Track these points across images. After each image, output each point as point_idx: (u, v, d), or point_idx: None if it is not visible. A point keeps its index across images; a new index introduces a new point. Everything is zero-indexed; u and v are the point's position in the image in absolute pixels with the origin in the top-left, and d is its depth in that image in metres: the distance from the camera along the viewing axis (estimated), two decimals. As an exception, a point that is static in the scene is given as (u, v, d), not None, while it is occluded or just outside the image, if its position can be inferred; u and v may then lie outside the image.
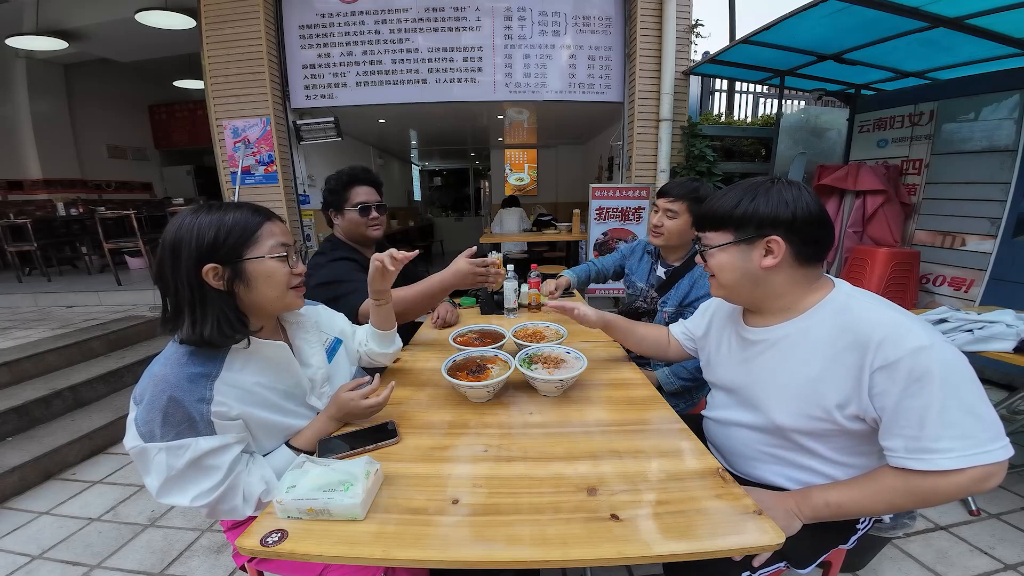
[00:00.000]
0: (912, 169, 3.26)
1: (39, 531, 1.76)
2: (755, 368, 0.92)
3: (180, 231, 0.81)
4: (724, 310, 1.08)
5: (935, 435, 0.68)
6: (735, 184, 0.88)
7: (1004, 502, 1.76)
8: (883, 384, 0.71)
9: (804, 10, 2.48)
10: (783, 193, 0.81)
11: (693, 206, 1.52)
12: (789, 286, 0.85)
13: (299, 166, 4.20)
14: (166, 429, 0.75)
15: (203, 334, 0.80)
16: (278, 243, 0.88)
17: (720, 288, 0.93)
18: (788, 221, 0.80)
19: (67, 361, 2.75)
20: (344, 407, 0.97)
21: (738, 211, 0.83)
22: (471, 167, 11.77)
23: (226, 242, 0.82)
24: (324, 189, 1.68)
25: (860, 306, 0.79)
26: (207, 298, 0.82)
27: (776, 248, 0.81)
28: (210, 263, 0.81)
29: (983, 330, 1.63)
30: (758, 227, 0.82)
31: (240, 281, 0.84)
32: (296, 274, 0.92)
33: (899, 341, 0.70)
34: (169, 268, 0.81)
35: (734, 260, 0.86)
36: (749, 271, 0.85)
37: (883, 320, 0.74)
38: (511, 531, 0.69)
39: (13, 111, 5.37)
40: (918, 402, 0.69)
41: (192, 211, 0.84)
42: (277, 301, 0.91)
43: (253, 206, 0.90)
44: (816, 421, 0.81)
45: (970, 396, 0.68)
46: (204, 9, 3.68)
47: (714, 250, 0.89)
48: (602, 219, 4.03)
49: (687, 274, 1.59)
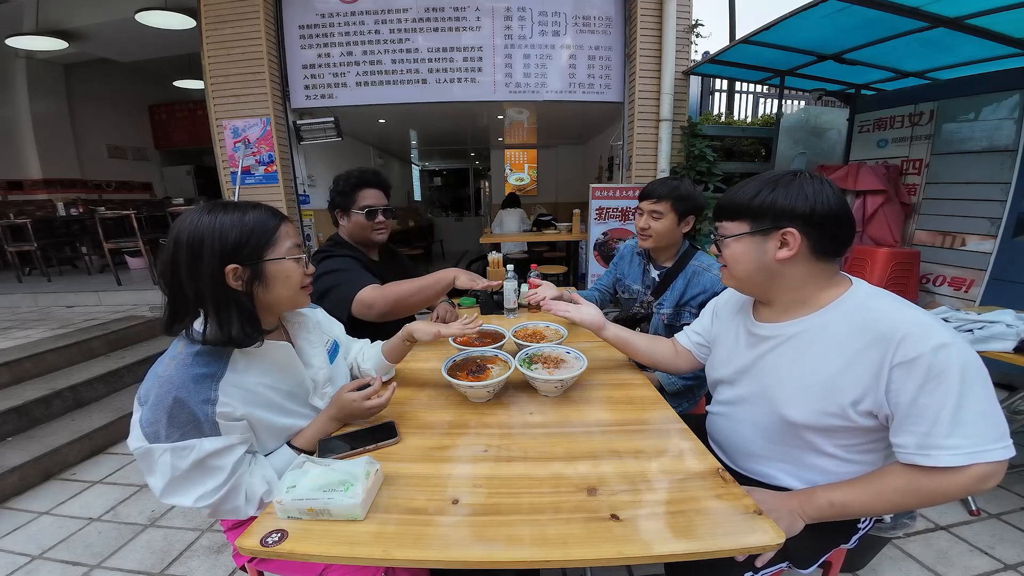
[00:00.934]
0: (912, 169, 3.26)
1: (39, 531, 1.76)
2: (767, 364, 0.92)
3: (200, 230, 0.80)
4: (730, 305, 1.08)
5: (946, 432, 0.69)
6: (758, 175, 0.88)
7: (1004, 502, 1.76)
8: (900, 380, 0.72)
9: (804, 10, 2.48)
10: (804, 186, 0.81)
11: (677, 204, 1.51)
12: (804, 280, 0.85)
13: (299, 166, 4.20)
14: (171, 430, 0.75)
15: (231, 334, 0.81)
16: (294, 244, 0.90)
17: (732, 279, 0.93)
18: (806, 214, 0.79)
19: (67, 361, 2.75)
20: (346, 407, 0.97)
21: (756, 202, 0.83)
22: (471, 167, 11.78)
23: (248, 242, 0.83)
24: (332, 188, 1.67)
25: (882, 304, 0.78)
26: (230, 298, 0.82)
27: (792, 240, 0.80)
28: (232, 263, 0.81)
29: (983, 330, 1.64)
30: (775, 219, 0.81)
31: (259, 281, 0.85)
32: (308, 274, 0.94)
33: (921, 339, 0.70)
34: (187, 268, 0.80)
35: (749, 251, 0.86)
36: (764, 263, 0.85)
37: (906, 318, 0.74)
38: (511, 531, 0.69)
39: (13, 111, 5.37)
40: (934, 399, 0.69)
41: (206, 210, 0.84)
42: (289, 301, 0.92)
43: (268, 207, 0.91)
44: (829, 417, 0.81)
45: (984, 396, 0.69)
46: (204, 9, 3.68)
47: (729, 240, 0.89)
48: (602, 219, 4.03)
49: (680, 274, 1.58)
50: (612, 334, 1.26)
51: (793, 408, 0.85)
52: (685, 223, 1.56)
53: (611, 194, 3.98)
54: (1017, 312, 1.75)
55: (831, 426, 0.81)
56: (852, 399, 0.77)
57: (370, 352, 1.25)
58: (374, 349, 1.24)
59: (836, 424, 0.81)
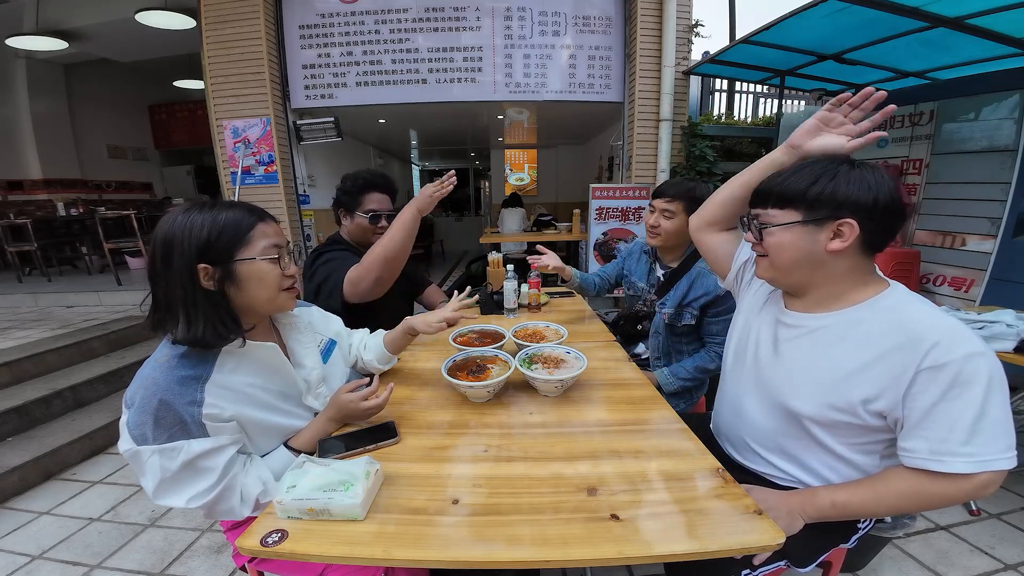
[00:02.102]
0: (912, 169, 3.26)
1: (39, 531, 1.76)
2: (783, 351, 0.91)
3: (172, 229, 0.80)
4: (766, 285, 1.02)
5: (964, 439, 0.69)
6: (809, 162, 0.84)
7: (1004, 502, 1.76)
8: (924, 384, 0.71)
9: (804, 10, 2.48)
10: (866, 176, 0.77)
11: (690, 205, 1.51)
12: (845, 273, 0.83)
13: (299, 166, 4.20)
14: (158, 432, 0.75)
15: (197, 334, 0.79)
16: (271, 244, 0.87)
17: (772, 269, 0.88)
18: (868, 206, 0.76)
19: (67, 361, 2.75)
20: (343, 409, 0.97)
21: (814, 190, 0.79)
22: (471, 167, 11.77)
23: (218, 242, 0.81)
24: (339, 187, 1.66)
25: (919, 308, 0.78)
26: (199, 298, 0.80)
27: (848, 231, 0.77)
28: (202, 263, 0.80)
29: (983, 330, 1.64)
30: (834, 208, 0.78)
31: (231, 282, 0.83)
32: (288, 276, 0.91)
33: (954, 346, 0.70)
34: (161, 266, 0.80)
35: (798, 240, 0.82)
36: (813, 253, 0.81)
37: (941, 324, 0.73)
38: (511, 531, 0.69)
39: (13, 111, 5.37)
40: (956, 406, 0.69)
41: (185, 209, 0.83)
42: (268, 303, 0.90)
43: (247, 206, 0.89)
44: (835, 412, 0.80)
45: (1003, 406, 0.70)
46: (204, 9, 3.68)
47: (776, 228, 0.84)
48: (602, 219, 4.02)
49: (685, 275, 1.58)
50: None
51: (800, 399, 0.85)
52: None
53: (611, 194, 3.98)
54: (1017, 312, 1.75)
55: (835, 421, 0.81)
56: (864, 397, 0.77)
57: (371, 342, 1.25)
58: (375, 339, 1.24)
59: (841, 420, 0.80)
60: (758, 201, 0.89)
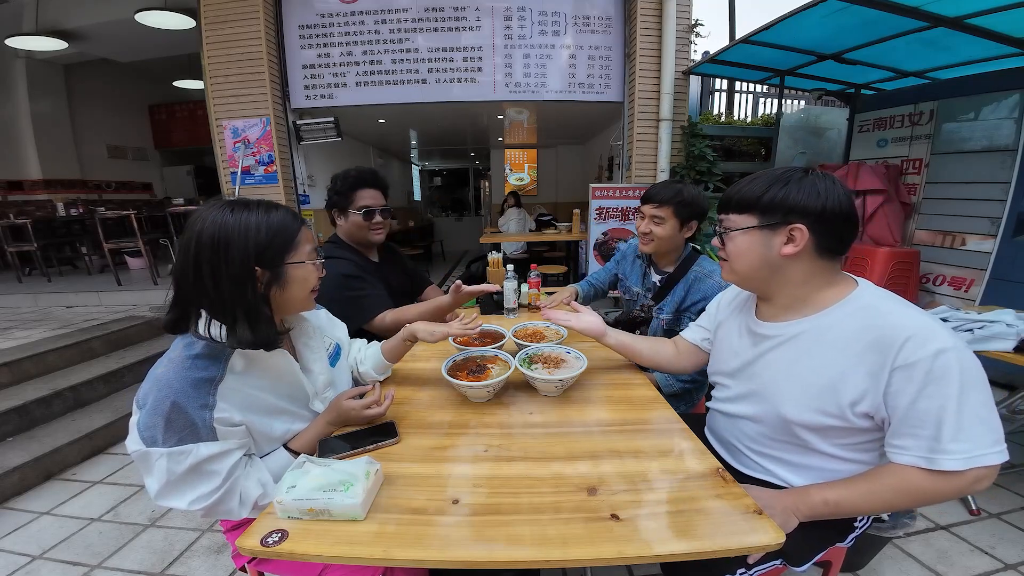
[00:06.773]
0: (912, 169, 3.26)
1: (39, 531, 1.76)
2: (767, 362, 0.92)
3: (226, 229, 0.78)
4: (735, 302, 1.08)
5: (951, 436, 0.69)
6: (767, 170, 0.88)
7: (1004, 502, 1.76)
8: (900, 383, 0.72)
9: (804, 10, 2.48)
10: (816, 184, 0.81)
11: (680, 210, 1.49)
12: (806, 277, 0.85)
13: (299, 166, 4.20)
14: (168, 435, 0.75)
15: (260, 335, 0.81)
16: (312, 248, 0.90)
17: (734, 273, 0.93)
18: (817, 212, 0.79)
19: (67, 361, 2.75)
20: (344, 415, 0.98)
21: (767, 197, 0.83)
22: (471, 167, 11.76)
23: (273, 244, 0.82)
24: (329, 188, 1.66)
25: (887, 307, 0.79)
26: (258, 299, 0.82)
27: (799, 236, 0.81)
28: (258, 265, 0.81)
29: (983, 330, 1.64)
30: (784, 214, 0.81)
31: (277, 284, 0.85)
32: (320, 277, 0.95)
33: (923, 342, 0.71)
34: (209, 267, 0.77)
35: (754, 245, 0.86)
36: (768, 257, 0.85)
37: (910, 322, 0.74)
38: (511, 531, 0.69)
39: (13, 111, 5.36)
40: (933, 403, 0.70)
41: (227, 208, 0.82)
42: (300, 303, 0.93)
43: (289, 210, 0.90)
44: (827, 417, 0.81)
45: (982, 401, 0.70)
46: (204, 9, 3.68)
47: (735, 233, 0.88)
48: (602, 219, 4.03)
49: (682, 280, 1.57)
50: (614, 340, 1.25)
51: (791, 407, 0.85)
52: (688, 228, 1.54)
53: (611, 194, 3.98)
54: (1017, 312, 1.75)
55: (828, 426, 0.82)
56: (851, 400, 0.78)
57: (368, 353, 1.25)
58: (372, 350, 1.24)
59: (833, 424, 0.81)
60: (722, 208, 0.93)
